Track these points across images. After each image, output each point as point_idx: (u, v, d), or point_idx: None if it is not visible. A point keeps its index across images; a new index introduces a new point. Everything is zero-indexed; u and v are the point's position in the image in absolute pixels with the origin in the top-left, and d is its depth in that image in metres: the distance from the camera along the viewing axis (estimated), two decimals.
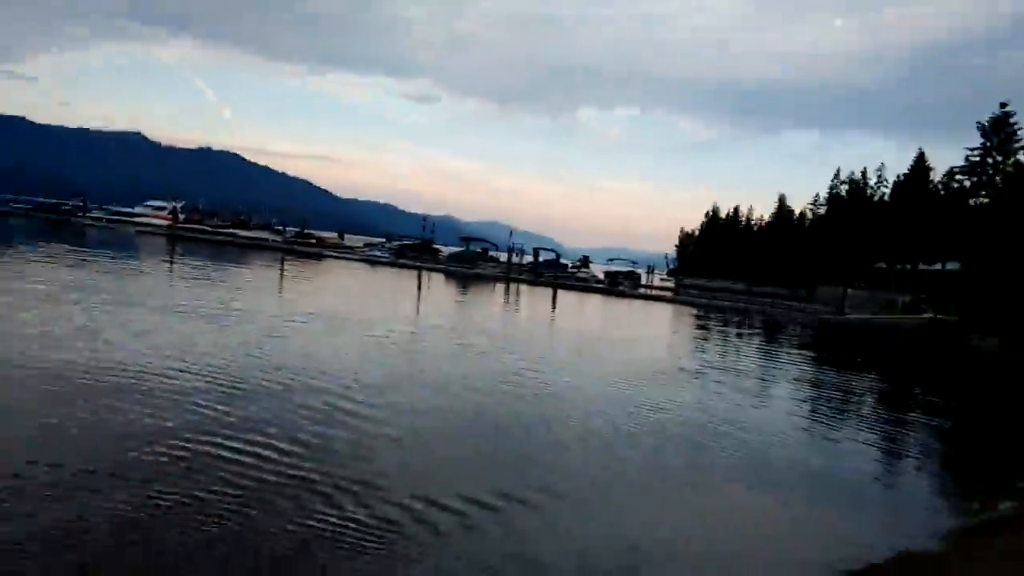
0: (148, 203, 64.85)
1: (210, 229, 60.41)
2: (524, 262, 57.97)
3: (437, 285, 39.07)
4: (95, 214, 61.75)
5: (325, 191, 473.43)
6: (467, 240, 64.44)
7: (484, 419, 9.66)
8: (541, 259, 59.99)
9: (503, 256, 56.91)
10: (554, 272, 54.05)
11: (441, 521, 5.83)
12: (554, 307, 33.83)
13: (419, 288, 34.99)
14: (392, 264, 52.09)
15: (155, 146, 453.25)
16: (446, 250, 64.02)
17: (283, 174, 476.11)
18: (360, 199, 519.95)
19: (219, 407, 8.28)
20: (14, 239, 33.90)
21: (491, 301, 33.81)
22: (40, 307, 14.06)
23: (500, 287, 43.54)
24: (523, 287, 45.84)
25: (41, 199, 66.97)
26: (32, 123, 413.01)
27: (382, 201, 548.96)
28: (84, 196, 64.90)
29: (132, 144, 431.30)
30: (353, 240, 74.54)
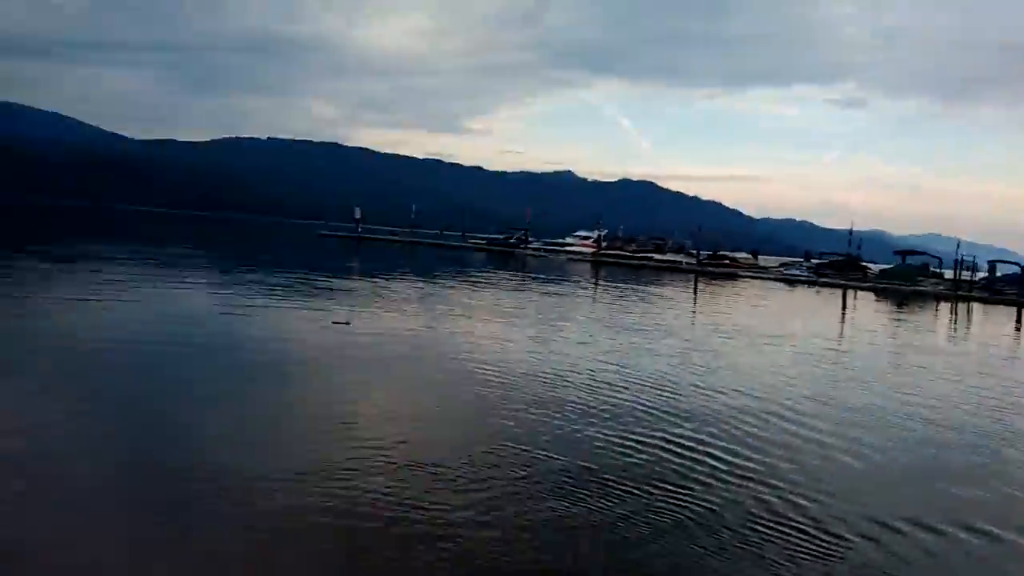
0: (576, 233, 73.36)
1: (628, 254, 64.68)
2: (976, 278, 49.71)
3: (865, 304, 35.68)
4: (534, 245, 71.05)
5: (736, 211, 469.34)
6: (902, 254, 57.85)
7: (932, 444, 8.53)
8: (999, 274, 50.74)
9: (948, 273, 49.66)
10: (1018, 289, 45.13)
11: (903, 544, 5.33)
12: (1019, 330, 28.23)
13: (843, 307, 32.37)
14: (811, 283, 49.20)
15: (582, 181, 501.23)
16: (875, 267, 58.23)
17: (694, 197, 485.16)
18: (773, 217, 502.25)
19: (663, 413, 8.81)
20: (470, 268, 40.60)
21: (933, 322, 29.65)
22: (491, 322, 16.64)
23: (944, 306, 37.93)
24: (975, 306, 39.24)
25: (493, 235, 79.54)
26: (487, 171, 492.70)
27: (798, 218, 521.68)
28: (526, 230, 74.93)
29: (565, 182, 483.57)
30: (768, 260, 72.33)
